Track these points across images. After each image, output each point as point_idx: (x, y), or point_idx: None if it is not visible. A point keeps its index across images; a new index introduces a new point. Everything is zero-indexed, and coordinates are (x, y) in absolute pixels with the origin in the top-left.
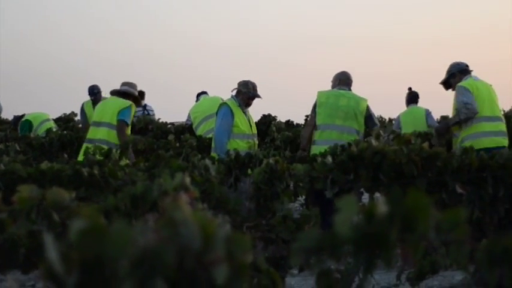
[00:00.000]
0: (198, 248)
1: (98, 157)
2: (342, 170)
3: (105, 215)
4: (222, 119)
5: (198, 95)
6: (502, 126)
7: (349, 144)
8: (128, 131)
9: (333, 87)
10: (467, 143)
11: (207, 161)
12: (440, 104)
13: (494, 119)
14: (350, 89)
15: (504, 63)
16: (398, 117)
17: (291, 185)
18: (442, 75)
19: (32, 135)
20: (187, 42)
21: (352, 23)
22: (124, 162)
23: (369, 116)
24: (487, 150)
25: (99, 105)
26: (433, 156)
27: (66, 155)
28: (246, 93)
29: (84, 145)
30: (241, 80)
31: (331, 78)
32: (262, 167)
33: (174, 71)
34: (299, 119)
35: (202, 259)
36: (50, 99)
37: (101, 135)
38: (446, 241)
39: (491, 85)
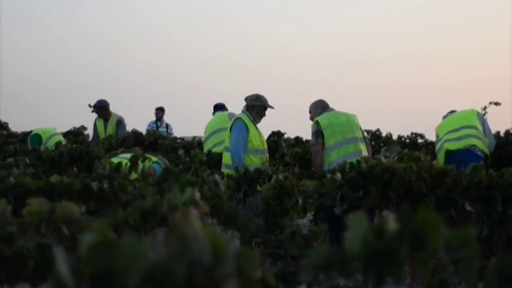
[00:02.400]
0: (208, 263)
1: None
2: (351, 186)
3: (114, 230)
4: (238, 134)
5: (215, 108)
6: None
7: (358, 162)
8: None
9: (317, 115)
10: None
11: (217, 176)
12: None
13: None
14: (334, 109)
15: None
16: None
17: (300, 201)
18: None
19: (42, 148)
20: (193, 58)
21: (359, 41)
22: (134, 176)
23: (360, 129)
24: None
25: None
26: (443, 174)
27: (75, 169)
28: (261, 106)
29: None
30: (248, 95)
31: (330, 101)
32: (271, 183)
33: (181, 86)
34: (308, 135)
35: (212, 274)
36: (57, 114)
37: None
38: (456, 259)
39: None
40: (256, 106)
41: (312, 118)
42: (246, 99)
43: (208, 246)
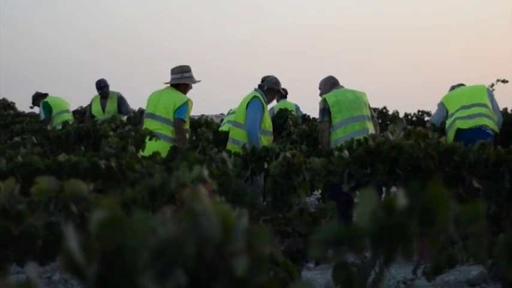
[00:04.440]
0: (218, 239)
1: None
2: (358, 164)
3: (123, 207)
4: (256, 112)
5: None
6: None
7: (366, 139)
8: (186, 125)
9: (326, 92)
10: None
11: (224, 154)
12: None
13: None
14: (343, 86)
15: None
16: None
17: (308, 179)
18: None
19: (48, 127)
20: (197, 36)
21: (367, 13)
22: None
23: (369, 107)
24: None
25: (153, 97)
26: (450, 151)
27: (83, 148)
28: (278, 90)
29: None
30: (265, 75)
31: (339, 77)
32: (279, 161)
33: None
34: (315, 113)
35: (222, 250)
36: (64, 93)
37: (155, 127)
38: (465, 235)
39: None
40: (274, 90)
41: (321, 95)
42: (264, 80)
43: (218, 222)
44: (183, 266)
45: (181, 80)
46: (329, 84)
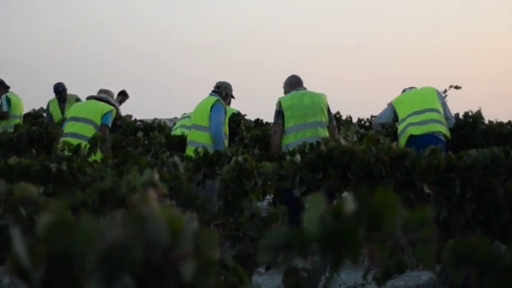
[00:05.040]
0: (165, 243)
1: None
2: (310, 168)
3: (73, 211)
4: (221, 115)
5: None
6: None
7: (318, 143)
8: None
9: (287, 92)
10: None
11: (176, 158)
12: None
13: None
14: (305, 88)
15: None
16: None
17: (259, 184)
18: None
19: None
20: (164, 40)
21: (325, 30)
22: (95, 157)
23: (329, 110)
24: None
25: (78, 105)
26: (402, 156)
27: (34, 151)
28: (231, 95)
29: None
30: (220, 81)
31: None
32: (231, 165)
33: (144, 67)
34: (269, 118)
35: (170, 255)
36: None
37: (79, 130)
38: (413, 240)
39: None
40: (229, 95)
41: (285, 93)
42: (219, 86)
43: (165, 226)
44: (130, 270)
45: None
46: (290, 85)
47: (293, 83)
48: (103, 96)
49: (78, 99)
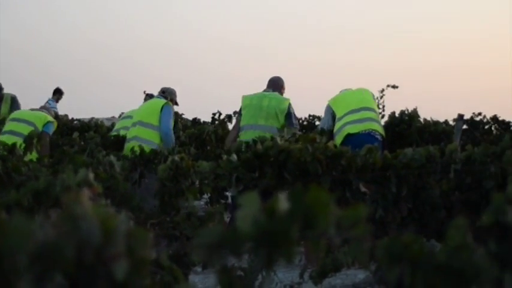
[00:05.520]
0: (97, 242)
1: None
2: (247, 167)
3: (7, 210)
4: (171, 117)
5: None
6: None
7: (255, 142)
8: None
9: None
10: None
11: (112, 158)
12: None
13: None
14: (275, 91)
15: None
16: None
17: (196, 182)
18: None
19: None
20: (99, 40)
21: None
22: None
23: (288, 115)
24: None
25: (22, 111)
26: (338, 155)
27: None
28: (175, 101)
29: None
30: (167, 87)
31: (237, 81)
32: (167, 164)
33: (79, 67)
34: (206, 117)
35: (102, 254)
36: None
37: (19, 128)
38: (347, 239)
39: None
40: (174, 101)
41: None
42: (165, 91)
43: (98, 225)
44: (63, 270)
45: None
46: (267, 84)
47: (268, 83)
48: (44, 111)
49: (13, 98)
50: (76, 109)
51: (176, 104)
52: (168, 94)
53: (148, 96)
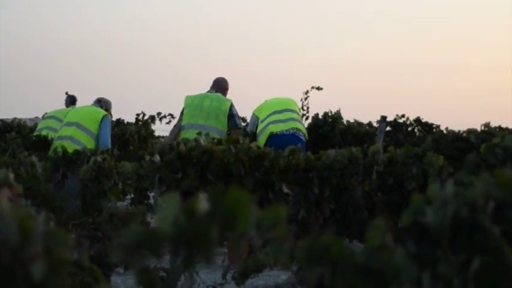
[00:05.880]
0: (14, 243)
1: None
2: (170, 168)
3: None
4: (109, 130)
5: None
6: None
7: (178, 143)
8: None
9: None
10: None
11: (34, 158)
12: None
13: None
14: (218, 92)
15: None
16: None
17: (119, 183)
18: None
19: None
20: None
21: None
22: None
23: (231, 116)
24: None
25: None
26: (261, 156)
27: None
28: (110, 112)
29: None
30: (103, 98)
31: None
32: (89, 165)
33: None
34: (130, 118)
35: (19, 254)
36: None
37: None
38: (267, 239)
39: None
40: (109, 111)
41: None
42: (100, 100)
43: (15, 226)
44: None
45: None
46: (210, 86)
47: (212, 84)
48: None
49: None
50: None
51: (111, 115)
52: (104, 104)
53: (69, 98)
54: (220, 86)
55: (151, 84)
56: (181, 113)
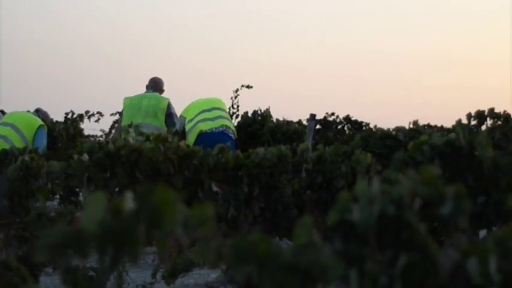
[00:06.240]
0: None
1: None
2: (98, 167)
3: None
4: (45, 141)
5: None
6: None
7: (107, 142)
8: None
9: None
10: None
11: None
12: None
13: None
14: (155, 92)
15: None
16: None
17: (48, 183)
18: None
19: None
20: None
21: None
22: None
23: (169, 114)
24: None
25: None
26: (190, 155)
27: None
28: (47, 124)
29: None
30: (42, 109)
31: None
32: (17, 164)
33: None
34: (59, 117)
35: None
36: None
37: None
38: (195, 238)
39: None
40: (46, 123)
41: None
42: (39, 110)
43: None
44: None
45: None
46: (148, 85)
47: (148, 84)
48: None
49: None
50: None
51: (48, 126)
52: (41, 114)
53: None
54: (157, 85)
55: (78, 85)
56: (121, 114)
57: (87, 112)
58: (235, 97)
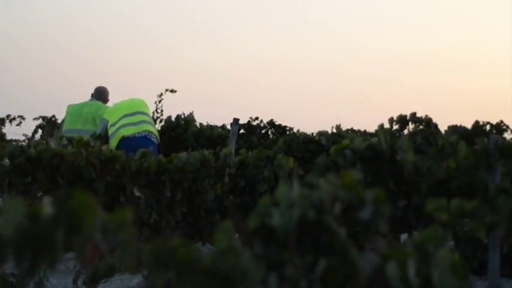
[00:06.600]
0: None
1: None
2: (19, 172)
3: None
4: None
5: None
6: None
7: (29, 147)
8: None
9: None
10: None
11: None
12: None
13: None
14: (99, 100)
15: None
16: None
17: None
18: None
19: None
20: None
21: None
22: None
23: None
24: None
25: None
26: (112, 159)
27: None
28: None
29: None
30: None
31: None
32: None
33: None
34: None
35: None
36: None
37: None
38: (114, 243)
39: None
40: None
41: None
42: None
43: None
44: None
45: None
46: (92, 93)
47: (93, 93)
48: None
49: None
50: None
51: None
52: None
53: None
54: (101, 94)
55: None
56: (62, 121)
57: (8, 116)
58: (159, 101)
